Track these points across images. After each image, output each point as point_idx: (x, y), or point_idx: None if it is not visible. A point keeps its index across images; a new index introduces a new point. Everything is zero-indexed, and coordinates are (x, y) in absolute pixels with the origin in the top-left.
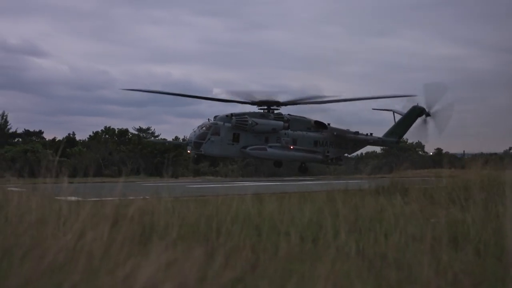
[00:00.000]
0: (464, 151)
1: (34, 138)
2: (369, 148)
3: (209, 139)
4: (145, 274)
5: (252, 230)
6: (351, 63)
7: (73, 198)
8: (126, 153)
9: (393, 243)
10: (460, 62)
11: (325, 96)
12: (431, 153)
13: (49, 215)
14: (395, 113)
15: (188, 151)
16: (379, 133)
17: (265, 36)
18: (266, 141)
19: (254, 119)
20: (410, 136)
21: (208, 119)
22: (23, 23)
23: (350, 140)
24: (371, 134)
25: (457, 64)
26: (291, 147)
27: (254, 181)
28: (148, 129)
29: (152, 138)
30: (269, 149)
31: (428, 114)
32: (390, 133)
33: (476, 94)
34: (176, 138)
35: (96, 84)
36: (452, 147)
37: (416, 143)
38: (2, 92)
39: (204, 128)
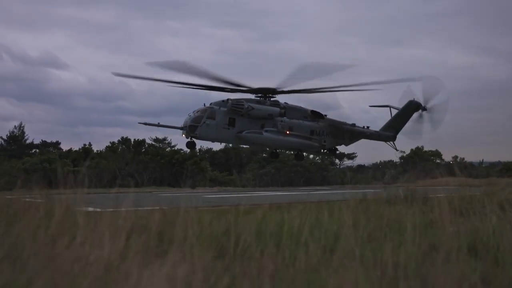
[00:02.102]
0: (482, 159)
1: (51, 149)
2: (386, 157)
3: (204, 122)
4: (159, 284)
5: (270, 240)
6: (367, 72)
7: (90, 209)
8: (143, 163)
9: (411, 252)
10: (475, 71)
11: (322, 86)
12: (449, 162)
13: (66, 225)
14: (391, 109)
15: (183, 135)
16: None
17: (282, 46)
18: (262, 127)
19: (250, 104)
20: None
21: (204, 104)
22: (43, 36)
23: (346, 131)
24: (367, 127)
25: (472, 73)
26: (287, 132)
27: (270, 190)
28: (165, 139)
29: (168, 148)
30: (265, 133)
31: (424, 109)
32: (387, 127)
33: (491, 102)
34: None
35: (115, 95)
36: (470, 155)
37: (434, 151)
38: (21, 104)
39: (199, 112)
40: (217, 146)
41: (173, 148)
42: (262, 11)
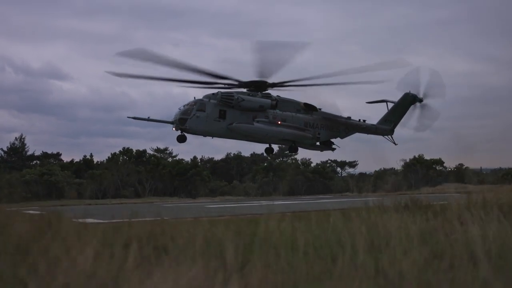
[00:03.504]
0: (481, 167)
1: (52, 160)
2: (388, 164)
3: (194, 114)
4: None
5: (271, 249)
6: (366, 79)
7: (90, 220)
8: (144, 174)
9: (413, 261)
10: (477, 78)
11: (314, 78)
12: (451, 169)
13: (65, 237)
14: (388, 103)
15: (173, 129)
16: None
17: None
18: (254, 119)
19: (240, 96)
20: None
21: (194, 97)
22: (45, 47)
23: (341, 124)
24: (364, 120)
25: (474, 80)
26: (279, 123)
27: (272, 200)
28: (166, 149)
29: (170, 158)
30: (256, 124)
31: (420, 100)
32: (384, 120)
33: (492, 109)
34: (195, 157)
35: (116, 106)
36: (471, 162)
37: (436, 159)
38: (23, 116)
39: (189, 105)
40: (218, 156)
41: (175, 158)
42: (262, 21)
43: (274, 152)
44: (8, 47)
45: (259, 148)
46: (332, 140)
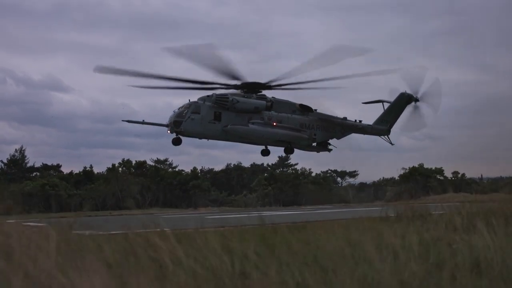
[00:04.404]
0: (481, 175)
1: (52, 172)
2: (388, 174)
3: (189, 117)
4: None
5: (273, 260)
6: (364, 89)
7: (87, 232)
8: (144, 185)
9: (415, 270)
10: (474, 87)
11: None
12: (450, 178)
13: (64, 250)
14: (384, 103)
15: (168, 132)
16: None
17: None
18: (249, 121)
19: (235, 97)
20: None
21: (189, 99)
22: (46, 60)
23: (337, 125)
24: (360, 121)
25: (471, 89)
26: (275, 124)
27: (272, 210)
28: (166, 160)
29: (170, 169)
30: (251, 125)
31: (416, 100)
32: (380, 120)
33: (490, 118)
34: (195, 168)
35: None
36: (470, 171)
37: (435, 169)
38: (23, 127)
39: (183, 107)
40: (218, 167)
41: (175, 169)
42: (262, 32)
43: (269, 154)
44: (9, 59)
45: (259, 159)
46: (329, 141)
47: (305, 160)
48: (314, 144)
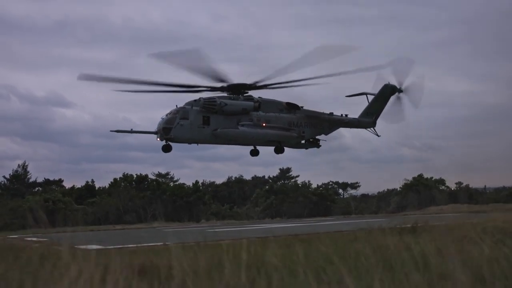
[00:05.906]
0: (485, 185)
1: (54, 186)
2: (390, 185)
3: (178, 123)
4: None
5: (275, 273)
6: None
7: (93, 247)
8: (146, 199)
9: (419, 282)
10: (476, 97)
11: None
12: (453, 188)
13: (67, 265)
14: (368, 96)
15: (157, 139)
16: None
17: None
18: (238, 123)
19: (223, 100)
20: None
21: (176, 105)
22: (49, 76)
23: (324, 121)
24: (346, 115)
25: (473, 99)
26: (264, 125)
27: (275, 223)
28: (167, 174)
29: (171, 183)
30: (241, 128)
31: (400, 91)
32: (365, 113)
33: (492, 127)
34: (196, 182)
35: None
36: (473, 181)
37: (438, 179)
38: (26, 143)
39: (172, 114)
40: (219, 179)
41: (176, 183)
42: (262, 45)
43: (259, 154)
44: (12, 76)
45: (261, 171)
46: (317, 137)
47: (306, 172)
48: (303, 141)
